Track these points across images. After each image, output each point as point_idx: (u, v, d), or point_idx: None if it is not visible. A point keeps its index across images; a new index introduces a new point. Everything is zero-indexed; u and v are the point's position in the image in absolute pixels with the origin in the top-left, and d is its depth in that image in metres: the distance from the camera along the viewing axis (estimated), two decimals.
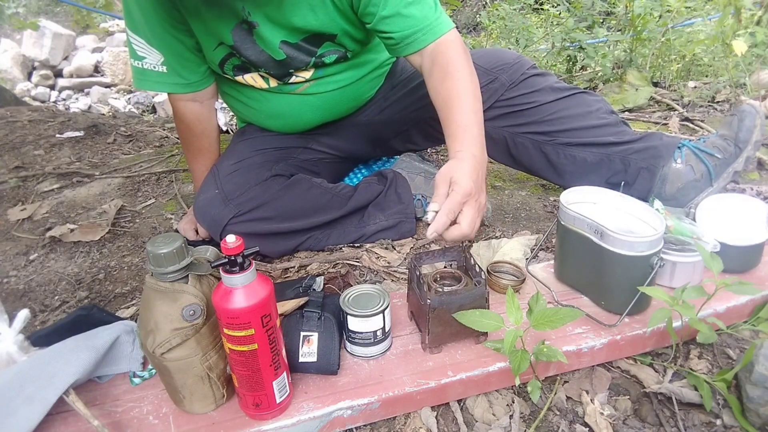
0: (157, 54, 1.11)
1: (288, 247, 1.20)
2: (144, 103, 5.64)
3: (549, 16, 3.45)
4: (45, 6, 7.06)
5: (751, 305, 0.94)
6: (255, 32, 1.07)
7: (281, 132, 1.31)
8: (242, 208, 1.14)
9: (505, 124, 1.23)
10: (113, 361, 0.81)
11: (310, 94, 1.21)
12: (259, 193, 1.16)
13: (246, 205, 1.14)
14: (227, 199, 1.14)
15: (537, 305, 0.80)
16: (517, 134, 1.23)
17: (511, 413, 0.79)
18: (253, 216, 1.14)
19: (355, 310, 0.81)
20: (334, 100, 1.25)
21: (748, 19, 2.10)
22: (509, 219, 1.35)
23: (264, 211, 1.15)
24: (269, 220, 1.16)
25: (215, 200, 1.15)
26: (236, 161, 1.22)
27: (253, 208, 1.15)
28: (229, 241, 0.64)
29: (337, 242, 1.24)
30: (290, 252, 1.22)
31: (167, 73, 1.13)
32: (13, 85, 5.79)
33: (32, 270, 1.25)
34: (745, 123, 1.15)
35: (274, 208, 1.16)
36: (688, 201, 1.15)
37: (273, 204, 1.16)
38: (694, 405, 0.79)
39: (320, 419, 0.75)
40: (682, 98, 2.18)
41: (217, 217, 1.13)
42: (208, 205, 1.15)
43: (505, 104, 1.23)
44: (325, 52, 1.15)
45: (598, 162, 1.20)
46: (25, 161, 1.86)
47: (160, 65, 1.12)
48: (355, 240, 1.24)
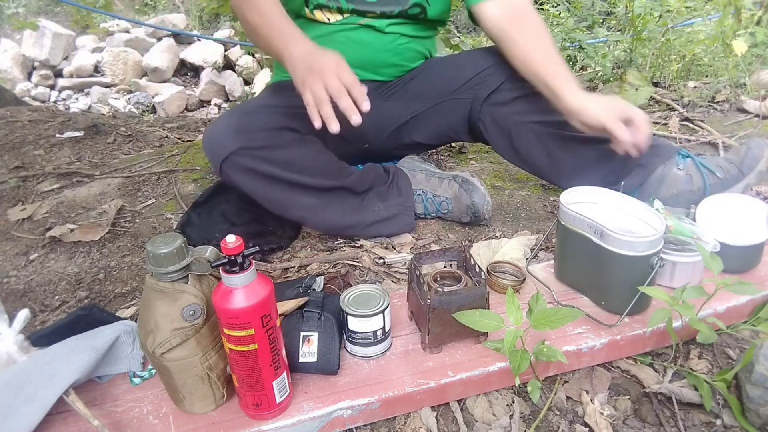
0: None
1: (285, 201, 1.18)
2: (144, 103, 5.64)
3: (549, 16, 3.45)
4: (45, 6, 7.06)
5: (751, 305, 0.94)
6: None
7: None
8: (253, 143, 1.12)
9: (514, 111, 1.23)
10: (113, 361, 0.81)
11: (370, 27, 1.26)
12: (272, 135, 1.15)
13: (256, 141, 1.13)
14: (240, 131, 1.13)
15: (537, 305, 0.80)
16: (522, 123, 1.22)
17: (511, 413, 0.80)
18: (259, 154, 1.13)
19: (355, 310, 0.81)
20: (385, 44, 1.29)
21: (748, 19, 2.10)
22: (509, 219, 1.35)
23: (270, 152, 1.14)
24: (272, 163, 1.14)
25: (228, 129, 1.14)
26: (261, 105, 1.22)
27: (262, 146, 1.13)
28: (229, 241, 0.64)
29: (335, 220, 1.21)
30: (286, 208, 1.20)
31: None
32: (13, 85, 5.78)
33: (32, 270, 1.25)
34: (753, 151, 1.17)
35: (282, 156, 1.15)
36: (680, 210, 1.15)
37: (281, 151, 1.15)
38: (694, 405, 0.79)
39: (320, 419, 0.75)
40: (682, 98, 2.18)
41: (225, 143, 1.12)
42: (219, 131, 1.14)
43: (516, 86, 1.22)
44: (413, 4, 1.24)
45: (598, 158, 1.19)
46: (25, 161, 1.86)
47: None
48: (351, 225, 1.23)
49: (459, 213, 1.28)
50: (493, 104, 1.24)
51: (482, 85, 1.24)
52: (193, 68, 6.27)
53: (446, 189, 1.28)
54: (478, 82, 1.25)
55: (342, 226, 1.23)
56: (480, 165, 1.70)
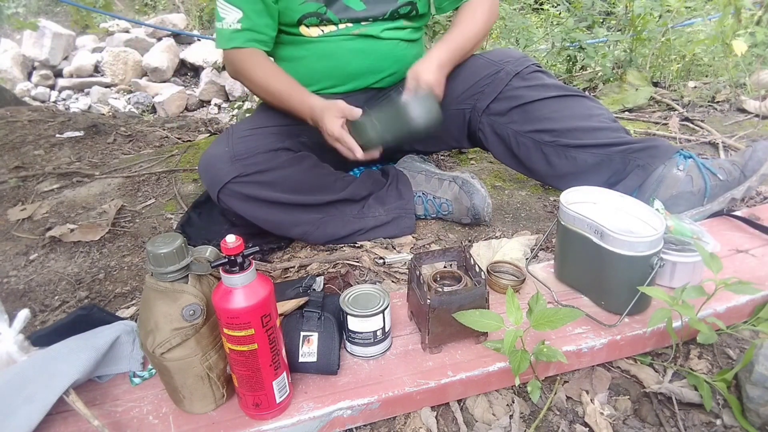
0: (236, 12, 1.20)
1: (285, 221, 1.20)
2: (144, 103, 5.64)
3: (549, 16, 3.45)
4: (45, 6, 7.06)
5: (751, 305, 0.94)
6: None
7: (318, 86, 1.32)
8: (247, 170, 1.14)
9: (510, 121, 1.23)
10: (113, 361, 0.81)
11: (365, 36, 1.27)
12: (266, 159, 1.16)
13: (252, 167, 1.14)
14: (235, 158, 1.14)
15: (537, 305, 0.80)
16: (520, 133, 1.23)
17: (511, 413, 0.80)
18: (256, 179, 1.14)
19: (355, 310, 0.81)
20: (383, 51, 1.29)
21: (748, 19, 2.09)
22: (509, 219, 1.35)
23: (267, 176, 1.15)
24: (269, 186, 1.16)
25: (223, 157, 1.15)
26: (252, 127, 1.23)
27: (259, 171, 1.15)
28: (229, 241, 0.64)
29: (335, 231, 1.23)
30: (287, 229, 1.21)
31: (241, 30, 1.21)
32: (13, 85, 5.78)
33: (32, 270, 1.25)
34: (758, 154, 1.16)
35: (278, 177, 1.16)
36: (678, 212, 1.14)
37: (277, 172, 1.16)
38: (694, 405, 0.79)
39: (320, 419, 0.75)
40: (682, 98, 2.18)
41: (221, 174, 1.14)
42: (214, 160, 1.16)
43: (511, 95, 1.22)
44: (404, 3, 1.25)
45: (599, 163, 1.19)
46: (25, 161, 1.86)
47: (236, 23, 1.21)
48: (353, 232, 1.23)
49: (459, 215, 1.28)
50: (492, 114, 1.25)
51: (481, 95, 1.25)
52: (193, 68, 6.28)
53: (446, 191, 1.28)
54: (477, 92, 1.26)
55: (343, 236, 1.24)
56: (480, 165, 1.70)
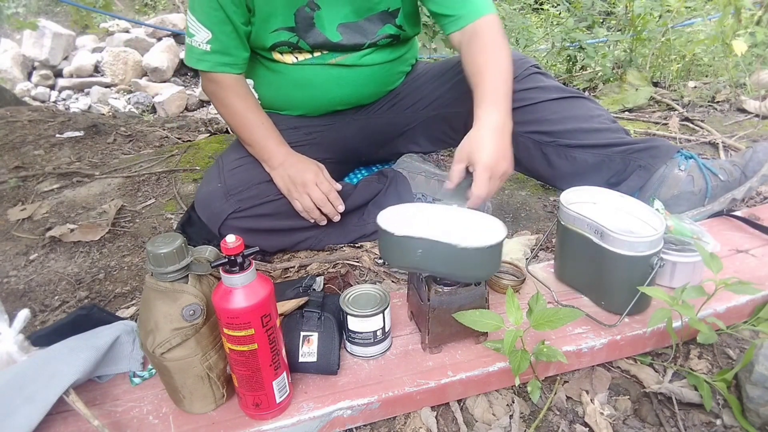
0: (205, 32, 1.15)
1: (287, 243, 1.22)
2: (144, 103, 5.64)
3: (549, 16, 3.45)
4: (45, 6, 7.05)
5: (751, 305, 0.94)
6: (316, 15, 1.14)
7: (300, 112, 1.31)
8: (243, 205, 1.15)
9: None
10: (113, 361, 0.81)
11: (343, 66, 1.23)
12: (261, 191, 1.17)
13: (247, 201, 1.15)
14: (229, 193, 1.15)
15: (537, 305, 0.80)
16: (519, 134, 1.23)
17: (511, 413, 0.80)
18: (253, 212, 1.16)
19: (355, 310, 0.81)
20: (364, 77, 1.26)
21: (748, 19, 2.09)
22: (509, 219, 1.35)
23: (265, 208, 1.17)
24: (269, 217, 1.17)
25: (217, 193, 1.16)
26: (241, 156, 1.23)
27: (254, 205, 1.16)
28: (229, 241, 0.64)
29: (337, 241, 1.24)
30: (290, 248, 1.23)
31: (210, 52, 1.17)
32: (13, 85, 5.78)
33: (32, 270, 1.25)
34: (759, 155, 1.17)
35: (275, 207, 1.17)
36: (680, 212, 1.15)
37: (273, 204, 1.17)
38: (694, 405, 0.79)
39: (320, 419, 0.75)
40: (682, 98, 2.18)
41: (218, 211, 1.15)
42: (209, 197, 1.17)
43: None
44: (383, 34, 1.20)
45: (599, 163, 1.19)
46: (25, 161, 1.86)
47: (205, 43, 1.16)
48: (355, 239, 1.25)
49: None
50: None
51: None
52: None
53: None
54: None
55: (346, 242, 1.25)
56: None
